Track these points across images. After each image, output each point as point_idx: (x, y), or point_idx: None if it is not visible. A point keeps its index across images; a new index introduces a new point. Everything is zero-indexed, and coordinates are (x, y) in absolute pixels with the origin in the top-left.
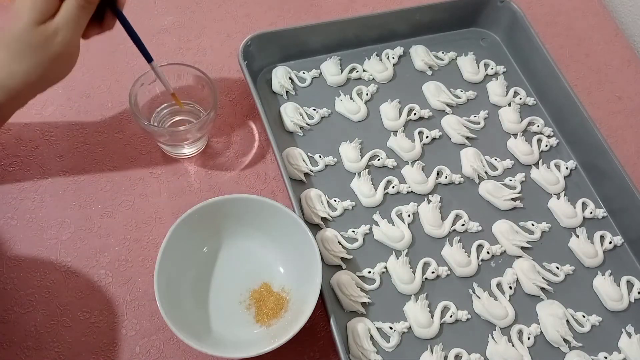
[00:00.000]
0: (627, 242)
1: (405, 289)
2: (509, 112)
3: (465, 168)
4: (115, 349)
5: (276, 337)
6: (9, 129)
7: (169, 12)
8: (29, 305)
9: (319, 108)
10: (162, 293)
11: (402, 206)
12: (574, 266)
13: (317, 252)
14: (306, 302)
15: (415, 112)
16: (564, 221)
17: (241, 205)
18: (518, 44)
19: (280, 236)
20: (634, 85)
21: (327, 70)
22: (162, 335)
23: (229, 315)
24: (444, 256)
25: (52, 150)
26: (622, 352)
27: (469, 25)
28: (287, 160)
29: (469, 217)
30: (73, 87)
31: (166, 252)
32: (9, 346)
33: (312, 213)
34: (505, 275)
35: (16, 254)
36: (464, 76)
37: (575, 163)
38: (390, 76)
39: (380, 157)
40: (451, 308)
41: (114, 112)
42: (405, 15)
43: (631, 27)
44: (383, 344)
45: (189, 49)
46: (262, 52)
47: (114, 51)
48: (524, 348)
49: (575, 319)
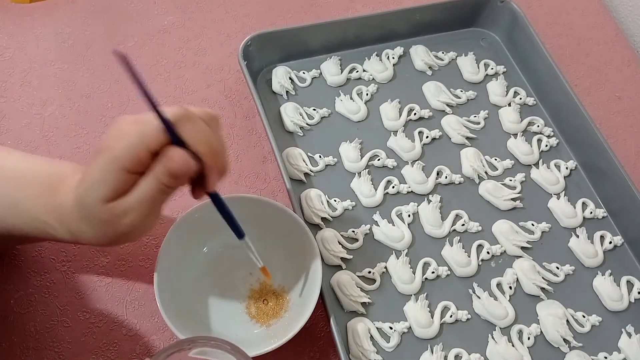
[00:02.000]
0: (627, 242)
1: (405, 289)
2: (509, 112)
3: (465, 168)
4: (115, 349)
5: (276, 337)
6: (9, 129)
7: (169, 12)
8: (29, 305)
9: (319, 108)
10: (162, 293)
11: (402, 206)
12: (574, 266)
13: (317, 252)
14: (306, 302)
15: (415, 112)
16: (564, 221)
17: (241, 205)
18: (518, 44)
19: (280, 236)
20: (634, 85)
21: (327, 70)
22: (162, 335)
23: (229, 315)
24: (444, 256)
25: (53, 151)
26: (622, 352)
27: (469, 25)
28: (287, 160)
29: (469, 217)
30: (73, 87)
31: (166, 252)
32: (9, 346)
33: (312, 213)
34: (505, 275)
35: (16, 254)
36: (464, 76)
37: (575, 163)
38: (390, 76)
39: (380, 157)
40: (451, 308)
41: (114, 112)
42: (405, 15)
43: (631, 27)
44: (383, 344)
45: (189, 49)
46: (262, 52)
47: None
48: (524, 348)
49: (575, 319)
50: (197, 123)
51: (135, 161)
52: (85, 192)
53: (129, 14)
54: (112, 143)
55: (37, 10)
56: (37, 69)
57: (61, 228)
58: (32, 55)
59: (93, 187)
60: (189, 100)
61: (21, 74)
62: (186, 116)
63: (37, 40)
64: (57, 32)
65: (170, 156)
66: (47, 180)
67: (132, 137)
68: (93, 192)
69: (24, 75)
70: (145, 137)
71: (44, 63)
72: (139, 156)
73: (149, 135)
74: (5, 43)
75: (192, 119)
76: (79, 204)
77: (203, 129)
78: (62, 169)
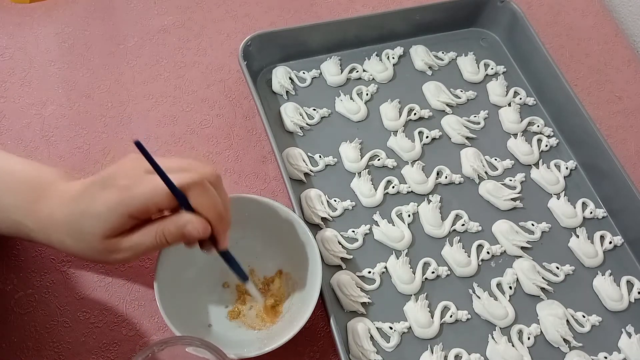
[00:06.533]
0: (627, 242)
1: (405, 289)
2: (509, 112)
3: (465, 168)
4: (115, 349)
5: (276, 337)
6: (9, 129)
7: (169, 12)
8: (29, 306)
9: (319, 108)
10: (162, 293)
11: (402, 206)
12: (574, 266)
13: (317, 252)
14: (306, 302)
15: (415, 112)
16: (564, 221)
17: (241, 205)
18: (518, 44)
19: (280, 236)
20: (634, 85)
21: (327, 70)
22: (162, 335)
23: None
24: (444, 256)
25: (52, 151)
26: (622, 352)
27: (469, 25)
28: (287, 160)
29: (469, 217)
30: (73, 87)
31: (166, 252)
32: (9, 346)
33: (312, 213)
34: (505, 275)
35: (16, 254)
36: (464, 76)
37: (575, 163)
38: (390, 76)
39: (380, 157)
40: (451, 308)
41: (114, 112)
42: (405, 15)
43: (631, 27)
44: (383, 344)
45: (189, 49)
46: (262, 52)
47: (114, 51)
48: (524, 348)
49: (575, 319)
50: (207, 191)
51: (143, 212)
52: (85, 220)
53: (129, 14)
54: (124, 184)
55: (37, 10)
56: (37, 69)
57: (40, 233)
58: (32, 55)
59: (95, 219)
60: (189, 100)
61: (21, 74)
62: (198, 185)
63: (37, 40)
64: (57, 32)
65: (188, 222)
66: (29, 182)
67: (147, 191)
68: (93, 224)
69: (24, 75)
70: (158, 196)
71: (44, 63)
72: (148, 209)
73: (162, 196)
74: (5, 43)
75: (203, 188)
76: (72, 225)
77: (211, 197)
78: (44, 174)
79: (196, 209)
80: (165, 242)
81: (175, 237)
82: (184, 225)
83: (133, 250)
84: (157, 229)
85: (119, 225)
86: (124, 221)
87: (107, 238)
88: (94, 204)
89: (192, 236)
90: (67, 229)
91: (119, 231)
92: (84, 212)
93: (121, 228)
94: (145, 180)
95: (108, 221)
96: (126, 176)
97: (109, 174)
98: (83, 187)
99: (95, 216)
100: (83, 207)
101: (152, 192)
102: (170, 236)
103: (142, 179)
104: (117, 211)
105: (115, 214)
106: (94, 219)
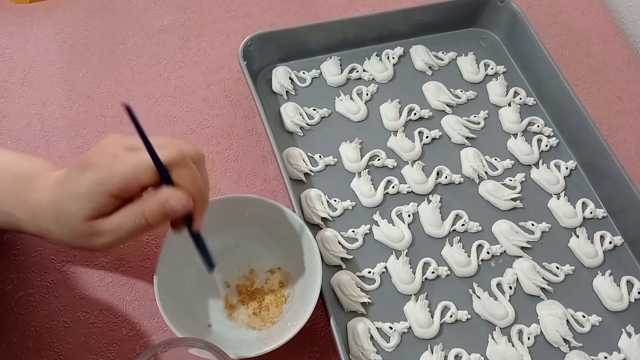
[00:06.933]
0: (627, 242)
1: (405, 289)
2: (509, 112)
3: (465, 168)
4: (115, 349)
5: (276, 337)
6: (9, 129)
7: (169, 12)
8: (29, 306)
9: (319, 108)
10: (162, 293)
11: (402, 206)
12: (574, 266)
13: (317, 252)
14: (306, 302)
15: (415, 112)
16: (564, 221)
17: (241, 205)
18: (518, 44)
19: (280, 236)
20: (634, 85)
21: (327, 70)
22: (162, 335)
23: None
24: (444, 256)
25: (52, 151)
26: (622, 352)
27: (469, 25)
28: (287, 160)
29: (469, 217)
30: (73, 87)
31: (166, 252)
32: (9, 346)
33: (312, 213)
34: (505, 275)
35: (16, 254)
36: (464, 76)
37: (575, 163)
38: (390, 76)
39: (380, 157)
40: (451, 308)
41: (114, 112)
42: (405, 15)
43: (631, 27)
44: (383, 344)
45: (189, 49)
46: (262, 52)
47: (114, 51)
48: (524, 348)
49: (575, 319)
50: (189, 166)
51: (124, 190)
52: (67, 202)
53: (129, 14)
54: (103, 162)
55: (37, 10)
56: (37, 69)
57: (30, 223)
58: (32, 55)
59: (76, 201)
60: (189, 100)
61: (21, 74)
62: (180, 160)
63: (37, 40)
64: (57, 32)
65: (170, 196)
66: (18, 173)
67: (127, 167)
68: (75, 205)
69: (24, 75)
70: (139, 172)
71: (44, 63)
72: (129, 187)
73: (144, 171)
74: (5, 43)
75: (186, 163)
76: (56, 209)
77: (194, 172)
78: (33, 165)
79: (177, 183)
80: (145, 223)
81: (157, 215)
82: (166, 200)
83: (114, 234)
84: (137, 210)
85: (100, 206)
86: (105, 200)
87: (89, 220)
88: (76, 186)
89: (175, 210)
90: (52, 215)
91: (101, 212)
92: (65, 195)
93: (104, 209)
94: (124, 158)
95: (90, 201)
96: (105, 155)
97: (89, 155)
98: (66, 172)
99: (77, 197)
100: (66, 190)
101: (133, 169)
102: (151, 215)
103: (121, 157)
104: (97, 190)
105: (95, 194)
106: (75, 200)
